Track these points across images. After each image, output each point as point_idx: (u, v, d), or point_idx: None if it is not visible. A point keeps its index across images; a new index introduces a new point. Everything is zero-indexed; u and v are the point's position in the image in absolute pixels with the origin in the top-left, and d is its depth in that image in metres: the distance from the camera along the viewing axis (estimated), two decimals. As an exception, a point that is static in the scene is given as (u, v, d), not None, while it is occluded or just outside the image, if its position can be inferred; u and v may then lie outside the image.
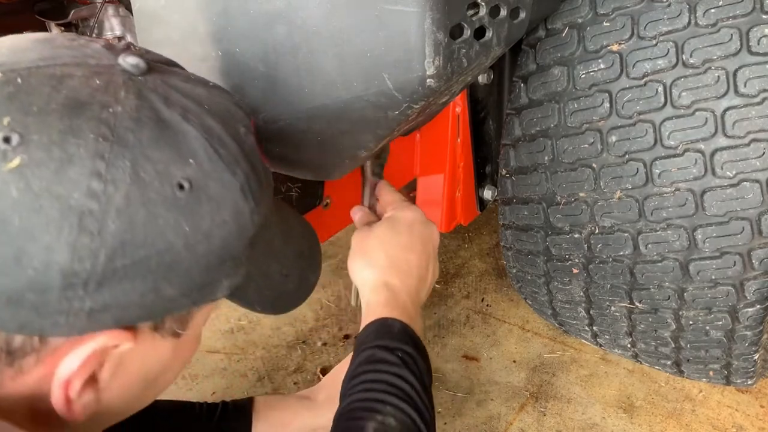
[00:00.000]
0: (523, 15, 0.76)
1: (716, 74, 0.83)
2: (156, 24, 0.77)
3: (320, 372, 1.52)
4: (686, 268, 0.92)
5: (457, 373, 1.50)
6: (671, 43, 0.85)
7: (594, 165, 0.94)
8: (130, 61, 0.47)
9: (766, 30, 0.80)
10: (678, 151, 0.86)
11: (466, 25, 0.65)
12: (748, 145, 0.82)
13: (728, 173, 0.84)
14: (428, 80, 0.63)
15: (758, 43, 0.80)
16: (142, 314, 0.46)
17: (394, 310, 0.73)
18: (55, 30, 1.14)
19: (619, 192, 0.93)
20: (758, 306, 0.93)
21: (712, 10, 0.82)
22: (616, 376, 1.47)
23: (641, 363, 1.24)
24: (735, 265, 0.89)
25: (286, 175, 0.90)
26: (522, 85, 1.02)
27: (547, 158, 1.00)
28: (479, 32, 0.68)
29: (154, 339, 0.49)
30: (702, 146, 0.85)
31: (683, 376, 1.19)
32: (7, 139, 0.40)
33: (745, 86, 0.81)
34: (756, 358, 1.04)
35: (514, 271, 1.23)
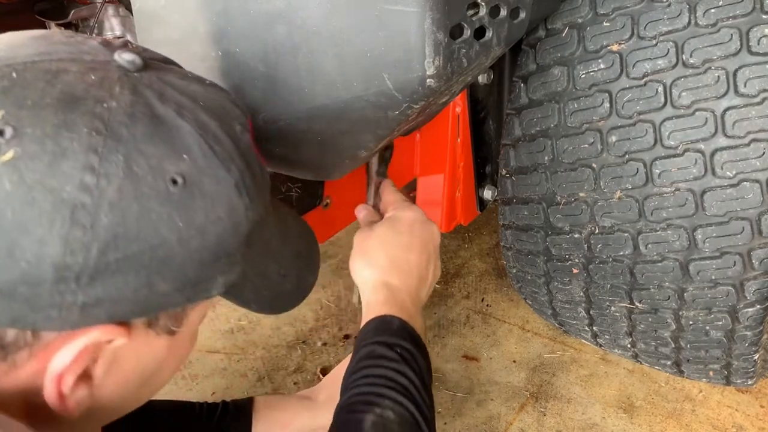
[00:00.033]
0: (523, 15, 0.76)
1: (716, 74, 0.83)
2: (156, 24, 0.77)
3: (320, 372, 1.52)
4: (686, 268, 0.92)
5: (457, 373, 1.50)
6: (671, 43, 0.85)
7: (594, 165, 0.94)
8: (126, 58, 0.47)
9: (766, 30, 0.80)
10: (678, 151, 0.86)
11: (466, 25, 0.65)
12: (748, 145, 0.82)
13: (728, 173, 0.84)
14: (428, 80, 0.63)
15: (758, 43, 0.80)
16: (135, 309, 0.46)
17: (393, 308, 0.73)
18: (54, 29, 1.14)
19: (619, 192, 0.93)
20: (758, 306, 0.93)
21: (712, 10, 0.82)
22: (616, 376, 1.47)
23: (641, 363, 1.24)
24: (735, 265, 0.89)
25: (286, 175, 0.90)
26: (522, 85, 1.02)
27: (547, 158, 1.00)
28: (479, 32, 0.68)
29: (148, 335, 0.49)
30: (702, 146, 0.85)
31: (683, 376, 1.19)
32: (0, 132, 0.40)
33: (745, 86, 0.81)
34: (756, 358, 1.03)
35: (514, 271, 1.23)
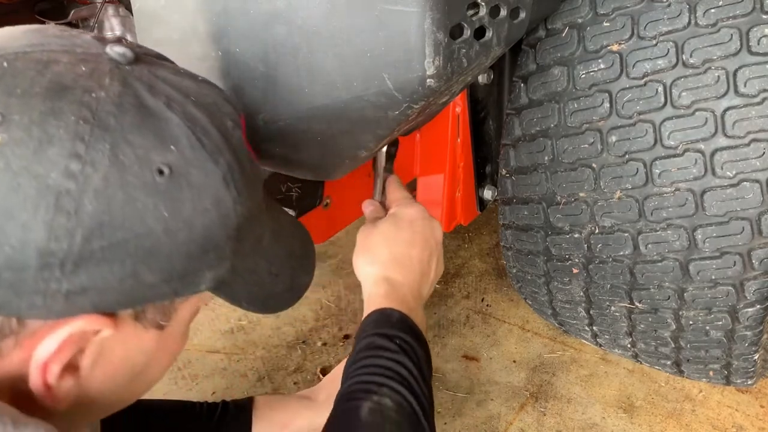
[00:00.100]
0: (523, 15, 0.76)
1: (716, 74, 0.83)
2: (156, 24, 0.77)
3: (320, 372, 1.52)
4: (686, 268, 0.92)
5: (457, 373, 1.50)
6: (671, 43, 0.85)
7: (594, 165, 0.94)
8: (118, 51, 0.47)
9: (766, 30, 0.80)
10: (678, 151, 0.86)
11: (466, 25, 0.65)
12: (748, 145, 0.82)
13: (728, 173, 0.84)
14: (428, 80, 0.63)
15: (758, 43, 0.80)
16: (121, 300, 0.46)
17: (394, 302, 0.74)
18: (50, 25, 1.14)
19: (619, 192, 0.93)
20: (758, 306, 0.93)
21: (712, 10, 0.82)
22: (616, 376, 1.47)
23: (641, 363, 1.24)
24: (735, 265, 0.89)
25: (286, 175, 0.90)
26: (522, 85, 1.02)
27: (547, 158, 1.00)
28: (479, 32, 0.68)
29: (136, 328, 0.49)
30: (702, 146, 0.85)
31: (683, 376, 1.19)
32: None
33: (745, 86, 0.81)
34: (756, 358, 1.04)
35: (514, 271, 1.23)
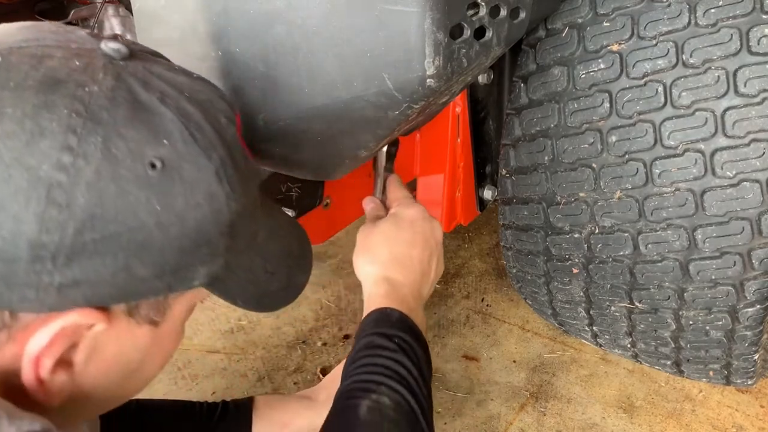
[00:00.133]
0: (523, 15, 0.76)
1: (716, 74, 0.83)
2: (156, 24, 0.77)
3: (320, 372, 1.52)
4: (686, 268, 0.92)
5: (457, 373, 1.50)
6: (671, 43, 0.85)
7: (594, 165, 0.94)
8: (112, 46, 0.47)
9: (766, 30, 0.80)
10: (678, 151, 0.86)
11: (466, 25, 0.65)
12: (748, 145, 0.82)
13: (728, 173, 0.84)
14: (428, 80, 0.63)
15: (758, 43, 0.80)
16: (114, 294, 0.46)
17: (394, 302, 0.74)
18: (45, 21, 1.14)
19: (619, 192, 0.93)
20: (758, 306, 0.93)
21: (712, 10, 0.82)
22: (616, 376, 1.47)
23: (641, 363, 1.24)
24: (735, 265, 0.89)
25: (286, 175, 0.90)
26: (522, 85, 1.02)
27: (547, 158, 1.00)
28: (479, 32, 0.68)
29: (129, 324, 0.49)
30: (702, 146, 0.85)
31: (683, 376, 1.19)
32: None
33: (745, 86, 0.81)
34: (756, 358, 1.03)
35: (514, 271, 1.23)
